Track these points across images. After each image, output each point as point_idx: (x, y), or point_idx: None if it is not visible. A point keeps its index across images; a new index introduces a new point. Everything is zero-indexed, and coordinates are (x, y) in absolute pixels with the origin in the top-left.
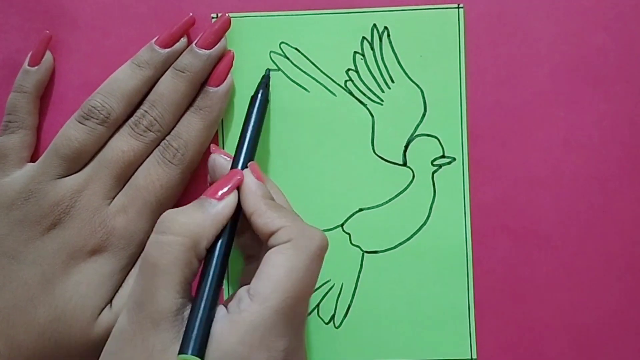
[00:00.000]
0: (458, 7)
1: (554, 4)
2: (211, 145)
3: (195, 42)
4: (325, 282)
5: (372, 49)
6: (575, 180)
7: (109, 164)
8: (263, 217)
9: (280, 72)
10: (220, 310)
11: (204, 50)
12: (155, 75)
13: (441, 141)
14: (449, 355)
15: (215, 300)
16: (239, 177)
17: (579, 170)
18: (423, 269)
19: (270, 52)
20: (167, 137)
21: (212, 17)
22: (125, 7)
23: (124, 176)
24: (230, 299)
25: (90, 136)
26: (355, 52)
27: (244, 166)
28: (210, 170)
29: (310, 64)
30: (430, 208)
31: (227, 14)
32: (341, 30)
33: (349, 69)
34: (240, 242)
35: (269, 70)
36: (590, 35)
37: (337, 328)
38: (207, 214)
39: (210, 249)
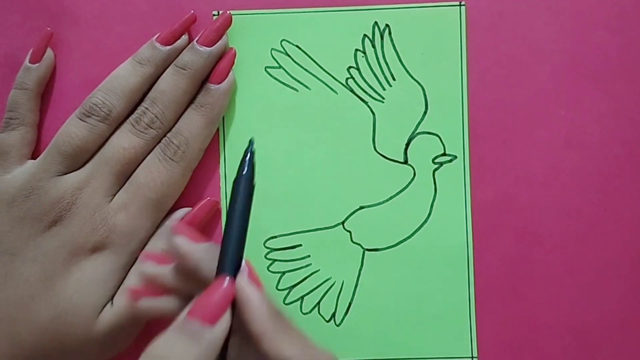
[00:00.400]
0: (460, 5)
1: (555, 2)
2: (174, 222)
3: (196, 39)
4: (326, 280)
5: (374, 46)
6: (576, 178)
7: (109, 161)
8: (274, 341)
9: (281, 69)
10: None
11: (205, 47)
12: (157, 72)
13: (442, 139)
14: (449, 353)
15: None
16: (232, 293)
17: (580, 168)
18: (424, 267)
19: (272, 49)
20: (168, 134)
21: (214, 15)
22: (126, 4)
23: (125, 173)
24: None
25: (91, 133)
26: (356, 50)
27: (234, 268)
28: (172, 254)
29: (312, 61)
30: (431, 206)
31: (228, 12)
32: (342, 28)
33: (350, 67)
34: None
35: (252, 140)
36: (591, 33)
37: (337, 326)
38: (202, 348)
39: None
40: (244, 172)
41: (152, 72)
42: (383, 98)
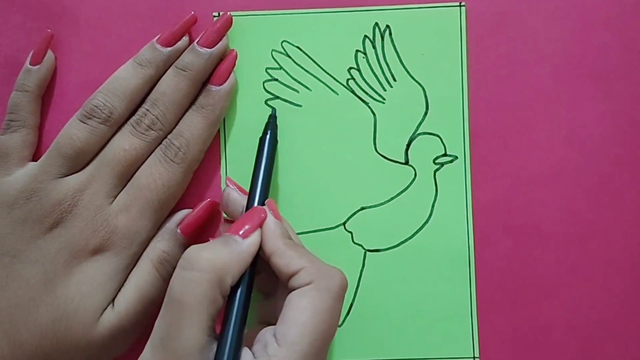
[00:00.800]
0: (460, 6)
1: (555, 3)
2: (227, 178)
3: (196, 40)
4: None
5: (374, 47)
6: (577, 178)
7: (110, 163)
8: (283, 257)
9: (282, 70)
10: (246, 354)
11: (205, 48)
12: (157, 74)
13: (443, 140)
14: (451, 354)
15: (240, 340)
16: (262, 215)
17: (580, 168)
18: (425, 267)
19: (272, 50)
20: (169, 136)
21: (214, 16)
22: (126, 6)
23: (126, 175)
24: (251, 338)
25: (92, 135)
26: (357, 51)
27: (260, 203)
28: (224, 204)
29: (312, 62)
30: (432, 206)
31: (228, 13)
32: (343, 29)
33: (350, 68)
34: (256, 280)
35: (274, 109)
36: (591, 33)
37: (339, 327)
38: (232, 251)
39: (234, 287)
40: (270, 128)
41: (153, 74)
42: (384, 99)
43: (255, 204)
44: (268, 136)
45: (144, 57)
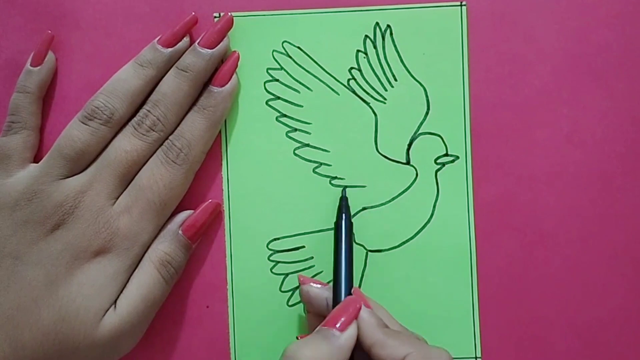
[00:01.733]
0: (461, 5)
1: (556, 2)
2: (298, 275)
3: (197, 41)
4: (330, 282)
5: (375, 47)
6: (578, 177)
7: (112, 164)
8: (385, 347)
9: (282, 70)
10: None
11: (206, 49)
12: (158, 74)
13: (444, 139)
14: (453, 354)
15: None
16: (357, 306)
17: (582, 167)
18: (427, 267)
19: (273, 50)
20: (170, 137)
21: (215, 17)
22: (127, 6)
23: (128, 176)
24: None
25: (94, 137)
26: (358, 51)
27: (348, 293)
28: (306, 302)
29: (313, 62)
30: (434, 206)
31: (229, 13)
32: (344, 29)
33: (351, 68)
34: None
35: (344, 190)
36: (592, 32)
37: None
38: (332, 346)
39: None
40: (343, 212)
41: (154, 75)
42: (385, 99)
43: (343, 295)
44: (343, 221)
45: (145, 58)
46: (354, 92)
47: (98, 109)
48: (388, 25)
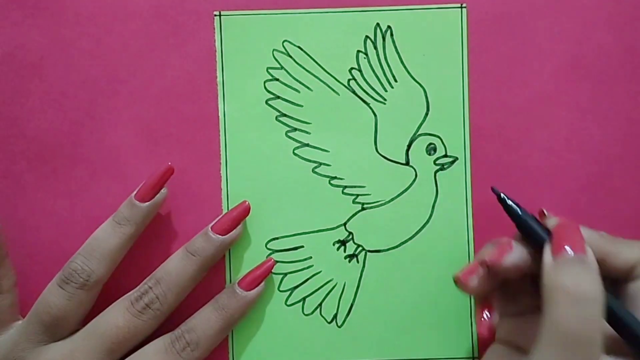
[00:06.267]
0: (461, 7)
1: (555, 3)
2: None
3: (211, 225)
4: (328, 282)
5: (375, 48)
6: (577, 179)
7: (101, 337)
8: (619, 255)
9: (283, 70)
10: None
11: (218, 235)
12: (137, 231)
13: (444, 140)
14: (451, 354)
15: None
16: (576, 226)
17: (581, 169)
18: (425, 268)
19: (273, 50)
20: (182, 327)
21: (215, 15)
22: (126, 4)
23: (117, 352)
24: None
25: (70, 302)
26: (358, 51)
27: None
28: (513, 269)
29: (314, 62)
30: (433, 207)
31: (246, 202)
32: (344, 29)
33: (352, 68)
34: (502, 299)
35: (496, 190)
36: (592, 34)
37: (339, 327)
38: (592, 270)
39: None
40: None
41: (133, 232)
42: (385, 99)
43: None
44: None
45: (122, 215)
46: (354, 92)
47: (75, 272)
48: (388, 26)
